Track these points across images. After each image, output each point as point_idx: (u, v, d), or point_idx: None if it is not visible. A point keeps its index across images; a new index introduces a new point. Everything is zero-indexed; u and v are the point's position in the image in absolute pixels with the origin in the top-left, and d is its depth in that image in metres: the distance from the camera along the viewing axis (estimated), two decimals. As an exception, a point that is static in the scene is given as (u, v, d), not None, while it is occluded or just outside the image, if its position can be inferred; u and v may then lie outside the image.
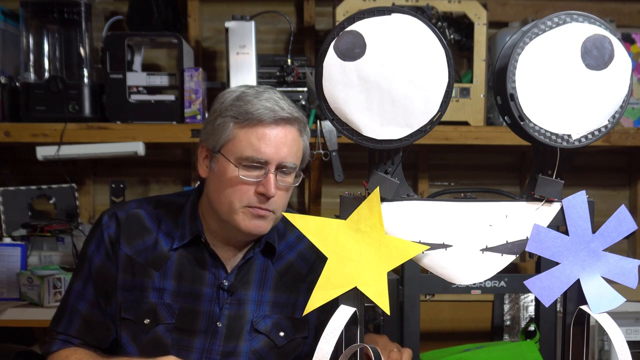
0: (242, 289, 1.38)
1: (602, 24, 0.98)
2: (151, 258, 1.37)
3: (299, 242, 1.46)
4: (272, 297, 1.40)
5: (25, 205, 2.31)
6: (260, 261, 1.41)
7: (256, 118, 1.29)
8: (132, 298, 1.36)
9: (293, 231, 1.45)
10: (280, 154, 1.30)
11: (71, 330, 1.38)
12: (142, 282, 1.36)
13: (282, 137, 1.30)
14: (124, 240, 1.38)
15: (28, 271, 2.09)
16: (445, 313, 2.30)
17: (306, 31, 2.52)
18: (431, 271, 1.03)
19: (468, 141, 2.19)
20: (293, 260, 1.44)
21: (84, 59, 2.20)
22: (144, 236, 1.39)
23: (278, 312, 1.40)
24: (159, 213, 1.42)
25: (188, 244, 1.38)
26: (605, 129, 1.01)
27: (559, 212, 1.03)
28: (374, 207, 1.01)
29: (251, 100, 1.31)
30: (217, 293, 1.37)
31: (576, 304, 1.03)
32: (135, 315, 1.35)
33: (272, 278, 1.41)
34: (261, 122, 1.29)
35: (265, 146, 1.29)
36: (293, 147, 1.32)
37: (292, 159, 1.33)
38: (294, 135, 1.33)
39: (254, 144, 1.29)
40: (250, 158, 1.29)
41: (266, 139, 1.29)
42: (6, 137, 2.11)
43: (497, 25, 2.45)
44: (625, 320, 1.92)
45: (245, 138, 1.29)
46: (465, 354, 1.61)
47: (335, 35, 0.97)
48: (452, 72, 0.98)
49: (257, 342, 1.38)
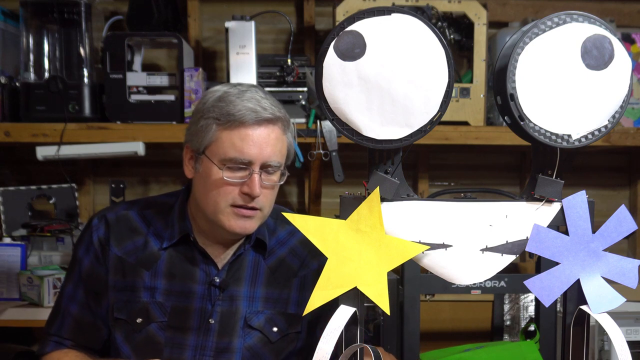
0: (234, 285, 1.39)
1: (602, 24, 0.98)
2: (141, 258, 1.38)
3: (290, 238, 1.47)
4: (264, 293, 1.41)
5: (25, 205, 2.32)
6: (251, 257, 1.42)
7: (238, 119, 1.29)
8: (124, 298, 1.37)
9: (284, 227, 1.46)
10: (263, 154, 1.30)
11: (63, 331, 1.41)
12: (133, 282, 1.37)
13: (265, 137, 1.31)
14: (114, 242, 1.39)
15: (28, 271, 2.09)
16: (445, 313, 2.30)
17: (306, 31, 2.52)
18: (431, 271, 1.03)
19: (468, 141, 2.19)
20: (284, 255, 1.45)
21: (84, 59, 2.20)
22: (134, 237, 1.40)
23: (271, 308, 1.41)
24: (149, 214, 1.43)
25: (177, 243, 1.39)
26: (605, 129, 1.01)
27: (559, 212, 1.03)
28: (374, 207, 1.01)
29: (233, 101, 1.31)
30: (209, 290, 1.37)
31: (576, 304, 1.03)
32: (128, 315, 1.36)
33: (264, 274, 1.42)
34: (243, 123, 1.29)
35: (249, 147, 1.29)
36: (277, 145, 1.33)
37: (277, 157, 1.33)
38: (277, 134, 1.33)
39: (237, 145, 1.29)
40: (234, 159, 1.30)
41: (249, 139, 1.30)
42: (6, 137, 2.11)
43: (497, 25, 2.45)
44: (625, 320, 1.92)
45: (228, 139, 1.30)
46: (465, 354, 1.61)
47: (335, 35, 0.97)
48: (452, 72, 0.98)
49: (251, 338, 1.38)
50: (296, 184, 2.63)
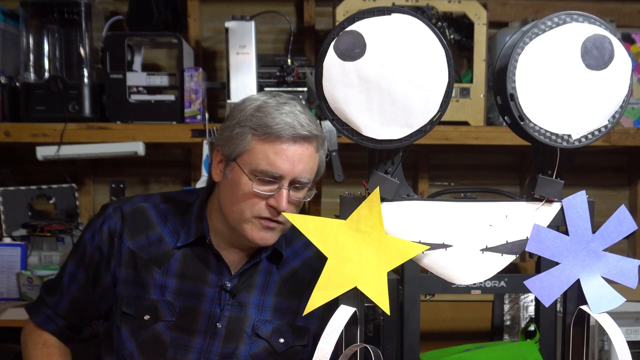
0: (245, 292, 1.38)
1: (602, 24, 0.98)
2: (154, 254, 1.38)
3: (305, 249, 1.46)
4: (274, 303, 1.40)
5: (25, 205, 2.31)
6: (264, 266, 1.41)
7: (275, 133, 1.28)
8: (134, 293, 1.37)
9: (300, 238, 1.44)
10: (295, 171, 1.30)
11: (60, 309, 1.42)
12: (144, 277, 1.37)
13: (299, 154, 1.30)
14: (127, 235, 1.39)
15: (28, 271, 2.09)
16: (445, 313, 2.30)
17: (306, 31, 2.52)
18: (431, 271, 1.03)
19: (468, 141, 2.19)
20: (298, 267, 1.44)
21: (84, 59, 2.19)
22: (149, 231, 1.39)
23: (279, 318, 1.40)
24: (166, 208, 1.42)
25: (192, 244, 1.38)
26: (605, 129, 1.01)
27: (559, 212, 1.03)
28: (374, 207, 1.01)
29: (272, 113, 1.29)
30: (219, 294, 1.37)
31: (576, 304, 1.03)
32: (136, 311, 1.36)
33: (275, 283, 1.41)
34: (280, 137, 1.28)
35: (282, 162, 1.28)
36: (309, 163, 1.32)
37: (307, 174, 1.32)
38: (311, 152, 1.33)
39: (271, 159, 1.28)
40: (266, 172, 1.29)
41: (283, 155, 1.29)
42: (6, 137, 2.11)
43: (497, 25, 2.45)
44: (625, 320, 1.92)
45: (262, 151, 1.29)
46: (465, 354, 1.61)
47: (335, 35, 0.97)
48: (452, 72, 0.98)
49: (257, 346, 1.38)
50: (296, 184, 2.63)
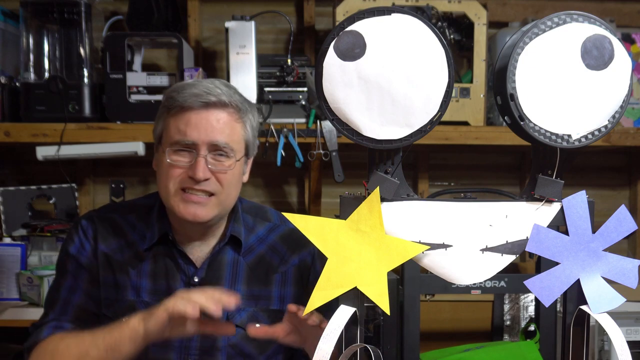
0: (214, 283, 1.39)
1: (602, 24, 0.98)
2: (127, 257, 1.41)
3: (269, 235, 1.48)
4: (245, 291, 1.42)
5: (25, 205, 2.32)
6: (230, 256, 1.43)
7: (182, 104, 1.32)
8: (113, 296, 1.39)
9: (263, 224, 1.48)
10: (208, 136, 1.32)
11: (65, 317, 1.38)
12: (121, 279, 1.39)
13: (210, 120, 1.32)
14: (101, 239, 1.42)
15: (28, 271, 2.09)
16: (445, 313, 2.30)
17: (306, 31, 2.52)
18: (431, 271, 1.03)
19: (468, 141, 2.19)
20: (264, 253, 1.46)
21: (84, 59, 2.20)
22: (119, 237, 1.42)
23: (253, 305, 1.42)
24: (132, 218, 1.45)
25: (158, 243, 1.41)
26: (605, 129, 1.01)
27: (559, 212, 1.03)
28: (374, 207, 1.01)
29: (182, 89, 1.33)
30: (189, 289, 1.37)
31: (576, 304, 1.03)
32: (114, 313, 1.37)
33: (243, 271, 1.43)
34: (188, 108, 1.32)
35: (191, 130, 1.31)
36: (225, 130, 1.34)
37: (223, 138, 1.33)
38: (226, 119, 1.34)
39: (181, 129, 1.32)
40: (178, 142, 1.32)
41: (192, 122, 1.32)
42: (6, 137, 2.11)
43: (497, 25, 2.45)
44: (625, 320, 1.92)
45: (174, 125, 1.33)
46: (465, 354, 1.61)
47: (335, 35, 0.97)
48: (452, 72, 0.98)
49: (234, 336, 1.39)
50: (296, 184, 2.63)
